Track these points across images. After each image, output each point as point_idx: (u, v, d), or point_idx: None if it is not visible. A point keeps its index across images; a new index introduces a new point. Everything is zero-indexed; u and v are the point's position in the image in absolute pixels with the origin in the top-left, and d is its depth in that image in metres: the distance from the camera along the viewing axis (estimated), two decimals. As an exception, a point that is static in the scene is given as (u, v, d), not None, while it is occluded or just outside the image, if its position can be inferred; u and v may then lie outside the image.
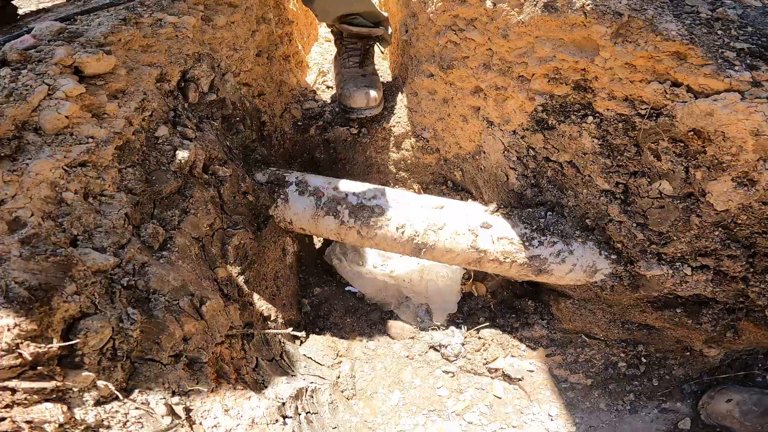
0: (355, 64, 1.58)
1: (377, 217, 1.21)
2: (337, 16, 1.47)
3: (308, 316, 1.47)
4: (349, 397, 1.30)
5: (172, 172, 0.94)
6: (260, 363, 1.01)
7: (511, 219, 1.20)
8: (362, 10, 1.46)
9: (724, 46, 0.83)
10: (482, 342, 1.43)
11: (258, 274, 1.19)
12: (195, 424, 0.75)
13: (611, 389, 1.34)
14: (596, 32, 0.90)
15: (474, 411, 1.31)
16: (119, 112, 0.88)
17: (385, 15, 1.56)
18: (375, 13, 1.49)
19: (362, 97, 1.49)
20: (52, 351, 0.62)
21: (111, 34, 0.96)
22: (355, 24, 1.48)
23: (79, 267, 0.70)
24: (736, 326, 1.14)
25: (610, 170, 1.05)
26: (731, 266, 1.02)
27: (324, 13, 1.47)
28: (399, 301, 1.52)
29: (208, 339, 0.87)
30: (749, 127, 0.81)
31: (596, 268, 1.16)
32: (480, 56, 1.18)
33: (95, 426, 0.63)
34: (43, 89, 0.80)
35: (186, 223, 0.94)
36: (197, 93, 1.09)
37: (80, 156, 0.79)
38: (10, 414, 0.56)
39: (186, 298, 0.83)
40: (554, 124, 1.10)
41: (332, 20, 1.50)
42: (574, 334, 1.40)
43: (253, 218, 1.18)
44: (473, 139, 1.36)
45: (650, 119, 0.94)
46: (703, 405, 1.25)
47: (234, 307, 0.98)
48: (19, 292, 0.61)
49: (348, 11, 1.45)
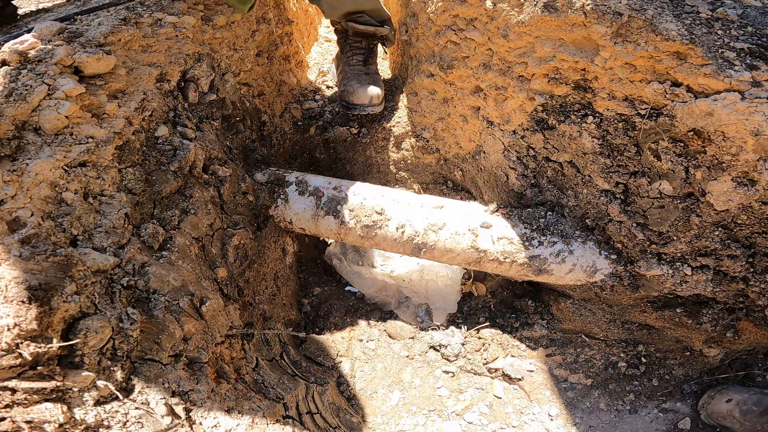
0: (359, 62, 1.58)
1: (377, 217, 1.21)
2: (344, 12, 1.47)
3: (308, 316, 1.47)
4: (349, 397, 1.30)
5: (172, 172, 0.94)
6: (260, 363, 1.01)
7: (511, 219, 1.20)
8: (369, 8, 1.46)
9: (724, 46, 0.83)
10: (482, 342, 1.43)
11: (258, 274, 1.19)
12: (195, 424, 0.75)
13: (611, 389, 1.34)
14: (596, 32, 0.90)
15: (474, 411, 1.31)
16: (119, 112, 0.88)
17: (389, 14, 1.56)
18: (381, 12, 1.49)
19: (365, 94, 1.48)
20: (52, 351, 0.62)
21: (111, 34, 0.96)
22: (361, 22, 1.48)
23: (79, 267, 0.70)
24: (736, 326, 1.14)
25: (610, 170, 1.05)
26: (731, 266, 1.02)
27: (331, 9, 1.47)
28: (399, 301, 1.52)
29: (208, 339, 0.87)
30: (749, 127, 0.81)
31: (596, 268, 1.16)
32: (480, 56, 1.18)
33: (95, 426, 0.63)
34: (43, 89, 0.80)
35: (186, 223, 0.94)
36: (197, 93, 1.09)
37: (80, 156, 0.79)
38: (10, 414, 0.56)
39: (186, 298, 0.83)
40: (554, 124, 1.10)
41: (338, 17, 1.50)
42: (574, 334, 1.40)
43: (253, 218, 1.18)
44: (473, 139, 1.36)
45: (650, 119, 0.94)
46: (703, 405, 1.25)
47: (234, 307, 0.97)
48: (19, 292, 0.61)
49: (356, 8, 1.45)
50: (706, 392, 1.26)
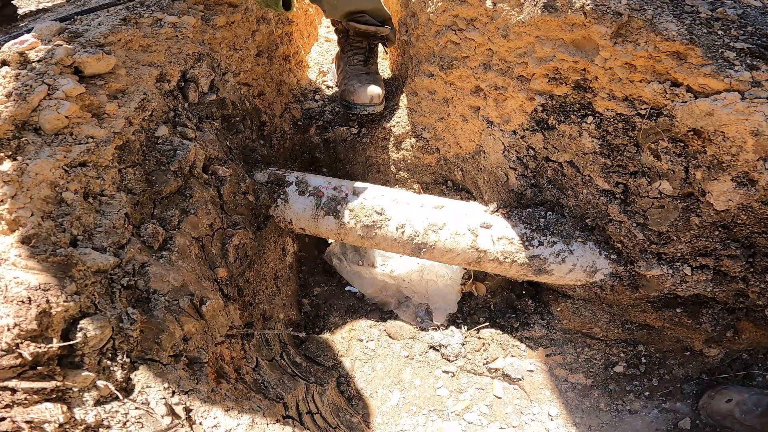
0: (360, 62, 1.58)
1: (377, 217, 1.21)
2: (345, 12, 1.47)
3: (308, 316, 1.47)
4: (349, 397, 1.30)
5: (172, 172, 0.94)
6: (260, 363, 1.01)
7: (511, 219, 1.20)
8: (370, 8, 1.45)
9: (724, 46, 0.83)
10: (482, 342, 1.43)
11: (258, 274, 1.19)
12: (195, 424, 0.75)
13: (611, 389, 1.34)
14: (596, 32, 0.90)
15: (474, 411, 1.31)
16: (119, 112, 0.88)
17: (390, 14, 1.56)
18: (382, 12, 1.49)
19: (365, 94, 1.49)
20: (52, 351, 0.62)
21: (111, 34, 0.96)
22: (362, 22, 1.47)
23: (79, 267, 0.70)
24: (736, 326, 1.14)
25: (610, 170, 1.05)
26: (731, 266, 1.02)
27: (333, 9, 1.47)
28: (399, 301, 1.52)
29: (208, 339, 0.87)
30: (749, 127, 0.81)
31: (596, 268, 1.16)
32: (480, 56, 1.18)
33: (95, 426, 0.63)
34: (43, 89, 0.80)
35: (186, 223, 0.94)
36: (197, 93, 1.09)
37: (80, 156, 0.79)
38: (10, 414, 0.56)
39: (186, 298, 0.83)
40: (554, 124, 1.10)
41: (339, 17, 1.50)
42: (574, 334, 1.40)
43: (253, 218, 1.18)
44: (473, 139, 1.36)
45: (650, 119, 0.94)
46: (703, 405, 1.25)
47: (234, 307, 0.97)
48: (19, 292, 0.61)
49: (357, 8, 1.45)
50: (706, 392, 1.26)
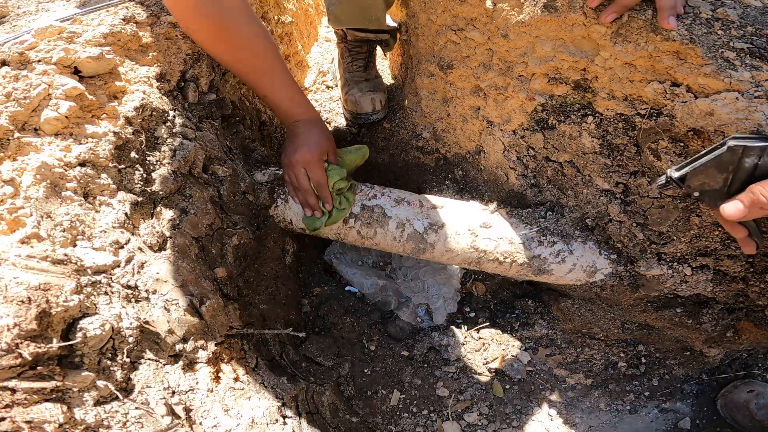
0: (360, 68, 1.58)
1: (377, 217, 1.21)
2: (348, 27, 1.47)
3: (308, 316, 1.47)
4: (349, 397, 1.30)
5: (172, 172, 0.94)
6: (260, 363, 1.01)
7: (511, 219, 1.20)
8: (374, 27, 1.45)
9: (724, 46, 0.83)
10: (482, 342, 1.43)
11: (258, 274, 1.19)
12: (195, 424, 0.75)
13: (611, 389, 1.34)
14: (596, 32, 0.90)
15: (474, 411, 1.31)
16: (119, 112, 0.88)
17: (395, 25, 1.55)
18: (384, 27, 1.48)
19: (368, 103, 1.52)
20: (52, 351, 0.62)
21: (111, 34, 0.96)
22: (362, 30, 1.47)
23: (79, 267, 0.70)
24: (736, 326, 1.14)
25: (610, 170, 1.05)
26: (731, 266, 1.02)
27: (337, 21, 1.46)
28: (399, 301, 1.52)
29: (208, 339, 0.87)
30: (749, 127, 0.81)
31: (596, 268, 1.16)
32: (480, 56, 1.18)
33: (95, 426, 0.63)
34: (43, 89, 0.80)
35: (185, 223, 0.94)
36: (197, 93, 1.09)
37: (80, 156, 0.79)
38: (10, 414, 0.56)
39: (186, 298, 0.83)
40: (554, 124, 1.10)
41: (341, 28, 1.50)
42: (574, 334, 1.40)
43: (253, 218, 1.18)
44: (473, 138, 1.36)
45: (650, 119, 0.94)
46: (724, 393, 1.23)
47: (234, 307, 0.98)
48: (19, 292, 0.61)
49: (361, 27, 1.44)
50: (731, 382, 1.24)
